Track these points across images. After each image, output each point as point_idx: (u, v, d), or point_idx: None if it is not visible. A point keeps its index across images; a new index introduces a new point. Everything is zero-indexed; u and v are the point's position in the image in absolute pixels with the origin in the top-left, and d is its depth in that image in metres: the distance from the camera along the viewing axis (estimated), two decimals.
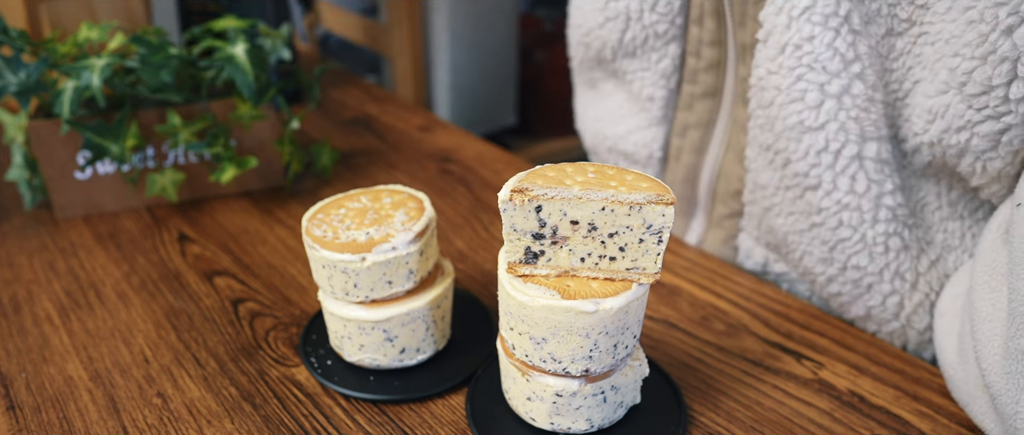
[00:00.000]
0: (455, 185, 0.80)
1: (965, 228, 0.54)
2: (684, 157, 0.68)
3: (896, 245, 0.54)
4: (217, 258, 0.66)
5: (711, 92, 0.63)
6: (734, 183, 0.64)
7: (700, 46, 0.62)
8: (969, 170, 0.49)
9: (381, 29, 1.26)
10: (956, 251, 0.55)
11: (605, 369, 0.44)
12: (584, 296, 0.41)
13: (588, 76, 0.75)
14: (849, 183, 0.53)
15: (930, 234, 0.55)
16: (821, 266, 0.58)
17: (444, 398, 0.51)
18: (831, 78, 0.51)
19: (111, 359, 0.54)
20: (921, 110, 0.49)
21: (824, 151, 0.53)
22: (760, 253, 0.65)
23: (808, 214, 0.56)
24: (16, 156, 0.71)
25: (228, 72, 0.69)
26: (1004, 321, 0.43)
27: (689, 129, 0.66)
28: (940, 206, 0.54)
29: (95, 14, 0.81)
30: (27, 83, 0.64)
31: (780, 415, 0.50)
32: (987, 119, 0.45)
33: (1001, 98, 0.44)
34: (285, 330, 0.57)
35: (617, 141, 0.73)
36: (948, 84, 0.46)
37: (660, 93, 0.67)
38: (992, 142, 0.46)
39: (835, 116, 0.51)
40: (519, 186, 0.40)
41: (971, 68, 0.45)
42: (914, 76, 0.49)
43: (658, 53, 0.65)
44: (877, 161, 0.52)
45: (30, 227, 0.71)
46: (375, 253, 0.47)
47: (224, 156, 0.70)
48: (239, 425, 0.48)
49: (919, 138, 0.50)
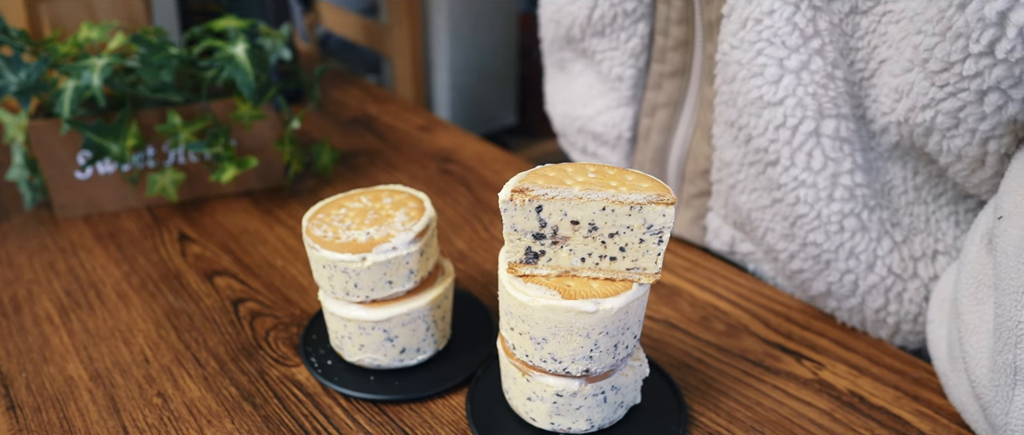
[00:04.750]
0: (455, 185, 0.80)
1: (929, 213, 0.55)
2: (653, 137, 0.68)
3: (852, 225, 0.54)
4: (217, 258, 0.66)
5: (679, 71, 0.64)
6: (702, 162, 0.64)
7: (668, 24, 0.63)
8: (936, 149, 0.49)
9: (381, 29, 1.26)
10: (921, 234, 0.55)
11: (605, 369, 0.44)
12: (584, 296, 0.41)
13: (558, 57, 0.75)
14: (806, 159, 0.53)
15: (897, 217, 0.55)
16: (783, 242, 0.58)
17: (444, 398, 0.51)
18: (790, 53, 0.51)
19: (111, 359, 0.54)
20: (888, 89, 0.49)
21: (782, 126, 0.53)
22: (727, 232, 0.65)
23: (769, 190, 0.56)
24: (16, 156, 0.71)
25: (228, 72, 0.69)
26: (991, 333, 0.43)
27: (658, 109, 0.67)
28: (906, 190, 0.54)
29: (95, 14, 0.81)
30: (27, 83, 0.64)
31: (780, 415, 0.50)
32: (949, 96, 0.45)
33: (959, 75, 0.44)
34: (285, 330, 0.57)
35: (586, 122, 0.73)
36: (912, 62, 0.46)
37: (629, 73, 0.67)
38: (953, 120, 0.46)
39: (793, 91, 0.52)
40: (520, 186, 0.40)
41: (932, 45, 0.44)
42: (880, 55, 0.49)
43: (627, 32, 0.65)
44: (835, 139, 0.52)
45: (30, 227, 0.71)
46: (375, 253, 0.47)
47: (224, 156, 0.70)
48: (239, 425, 0.48)
49: (887, 117, 0.50)
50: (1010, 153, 0.46)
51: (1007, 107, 0.43)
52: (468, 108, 1.45)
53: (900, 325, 0.56)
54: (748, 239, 0.63)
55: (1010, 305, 0.41)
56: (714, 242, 0.67)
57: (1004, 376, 0.42)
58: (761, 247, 0.62)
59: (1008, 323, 0.41)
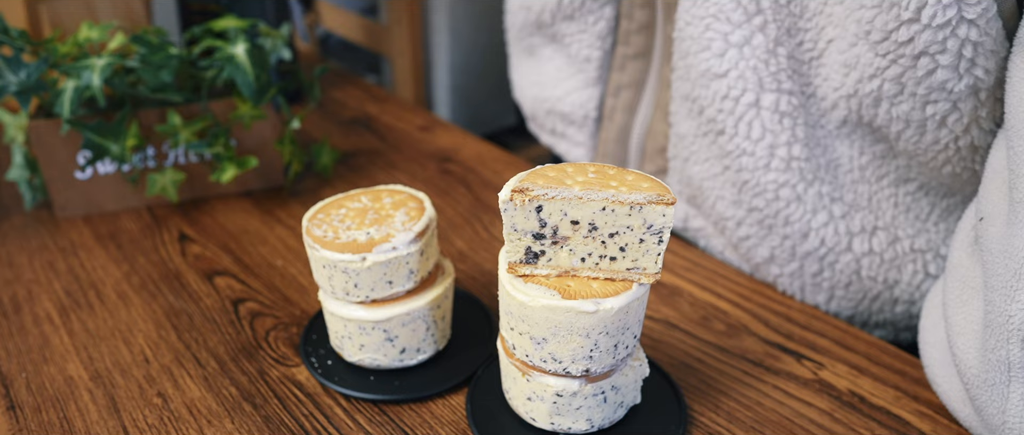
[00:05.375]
0: (455, 185, 0.80)
1: (872, 192, 0.58)
2: (617, 117, 0.72)
3: (787, 195, 0.58)
4: (217, 258, 0.66)
5: (642, 53, 0.68)
6: (660, 139, 0.68)
7: (632, 8, 0.67)
8: (886, 117, 0.51)
9: (381, 29, 1.26)
10: (863, 211, 0.58)
11: (605, 369, 0.44)
12: (584, 296, 0.41)
13: (527, 43, 0.78)
14: (747, 129, 0.57)
15: (840, 192, 0.58)
16: (731, 209, 0.62)
17: (444, 398, 0.51)
18: (734, 28, 0.54)
19: (111, 359, 0.54)
20: (837, 65, 0.52)
21: (726, 97, 0.56)
22: (681, 209, 0.69)
23: (720, 158, 0.60)
24: (16, 156, 0.71)
25: (228, 72, 0.68)
26: (977, 334, 0.44)
27: (622, 89, 0.71)
28: (851, 169, 0.57)
29: (95, 14, 0.81)
30: (27, 83, 0.64)
31: (780, 415, 0.50)
32: (891, 64, 0.48)
33: (896, 42, 0.47)
34: (285, 330, 0.57)
35: (555, 103, 0.77)
36: (857, 36, 0.49)
37: (596, 54, 0.71)
38: (899, 86, 0.49)
39: (736, 65, 0.55)
40: (520, 186, 0.40)
41: (872, 17, 0.47)
42: (827, 35, 0.52)
43: (594, 15, 0.69)
44: (774, 112, 0.56)
45: (30, 227, 0.71)
46: (375, 253, 0.47)
47: (224, 156, 0.70)
48: (239, 425, 0.48)
49: (838, 92, 0.53)
50: (946, 122, 0.49)
51: (936, 72, 0.46)
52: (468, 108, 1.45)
53: (834, 290, 0.61)
54: (700, 214, 0.67)
55: (999, 301, 0.41)
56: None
57: (998, 374, 0.42)
58: (711, 218, 0.65)
59: (999, 319, 0.41)
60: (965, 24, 0.43)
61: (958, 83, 0.46)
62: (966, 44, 0.44)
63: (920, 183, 0.56)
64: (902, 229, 0.58)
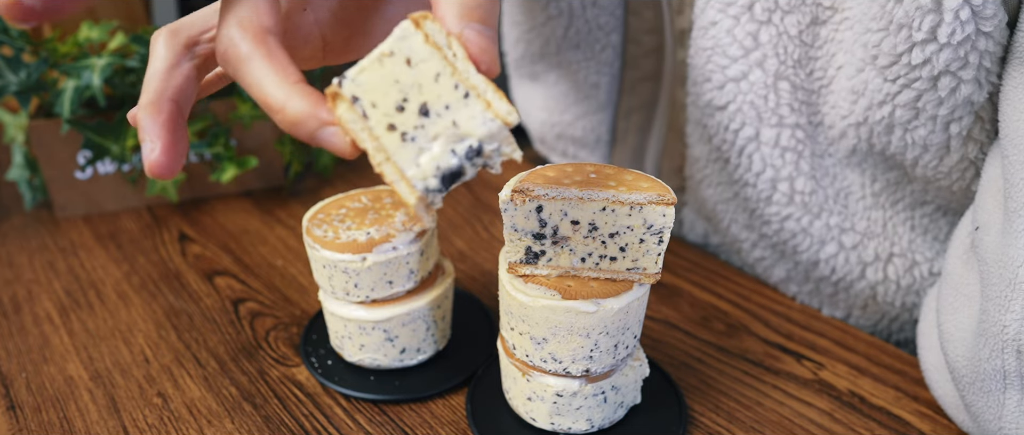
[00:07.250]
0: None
1: (886, 217, 0.56)
2: (630, 138, 0.72)
3: (792, 227, 0.57)
4: (217, 258, 0.66)
5: (651, 76, 0.67)
6: (677, 159, 0.67)
7: (640, 33, 0.66)
8: (900, 145, 0.49)
9: None
10: (878, 238, 0.56)
11: (606, 369, 0.44)
12: (585, 296, 0.41)
13: (529, 71, 0.77)
14: (748, 162, 0.56)
15: (851, 221, 0.57)
16: (744, 232, 0.61)
17: (444, 398, 0.51)
18: (730, 62, 0.53)
19: (111, 359, 0.54)
20: (845, 92, 0.50)
21: (727, 129, 0.56)
22: (701, 225, 0.68)
23: (730, 184, 0.59)
24: (16, 156, 0.71)
25: None
26: (968, 342, 0.44)
27: (633, 112, 0.70)
28: (863, 196, 0.56)
29: (95, 14, 0.81)
30: (27, 83, 0.64)
31: (780, 415, 0.50)
32: (903, 88, 0.46)
33: (908, 65, 0.45)
34: (285, 330, 0.57)
35: (565, 128, 0.76)
36: (863, 61, 0.47)
37: (604, 80, 0.70)
38: (913, 111, 0.47)
39: (734, 98, 0.54)
40: (520, 186, 0.40)
41: (879, 41, 0.46)
42: (837, 62, 0.50)
43: (601, 42, 0.68)
44: (775, 146, 0.54)
45: (30, 227, 0.71)
46: (376, 253, 0.47)
47: (224, 156, 0.70)
48: (239, 425, 0.48)
49: (846, 120, 0.51)
50: (972, 134, 0.47)
51: (960, 88, 0.44)
52: None
53: (851, 310, 0.61)
54: (717, 232, 0.66)
55: (994, 310, 0.41)
56: (690, 234, 0.70)
57: (993, 381, 0.42)
58: (726, 238, 0.65)
59: (994, 328, 0.41)
60: (983, 37, 0.42)
61: (981, 94, 0.45)
62: (985, 55, 0.43)
63: (937, 205, 0.54)
64: (920, 253, 0.56)
